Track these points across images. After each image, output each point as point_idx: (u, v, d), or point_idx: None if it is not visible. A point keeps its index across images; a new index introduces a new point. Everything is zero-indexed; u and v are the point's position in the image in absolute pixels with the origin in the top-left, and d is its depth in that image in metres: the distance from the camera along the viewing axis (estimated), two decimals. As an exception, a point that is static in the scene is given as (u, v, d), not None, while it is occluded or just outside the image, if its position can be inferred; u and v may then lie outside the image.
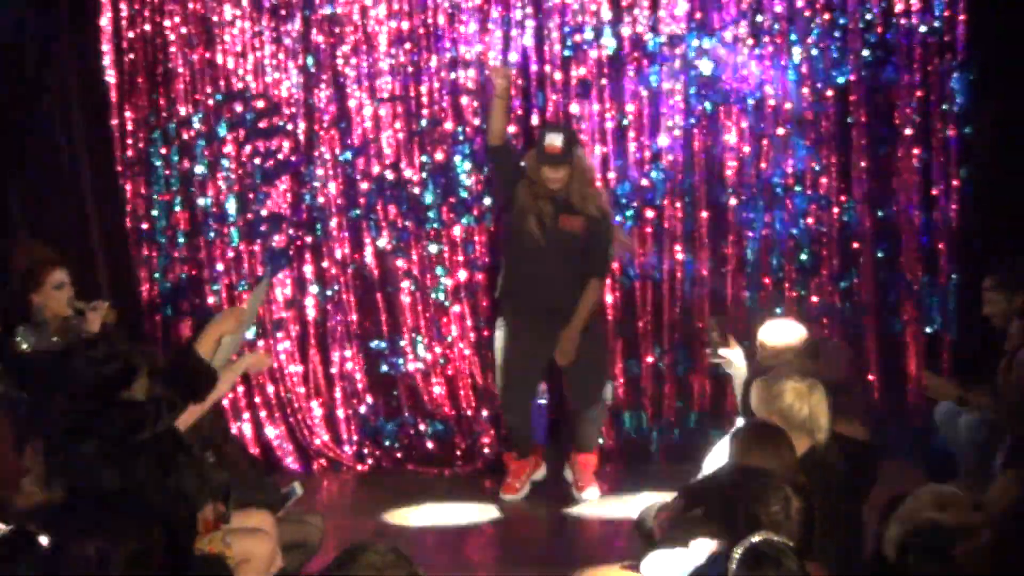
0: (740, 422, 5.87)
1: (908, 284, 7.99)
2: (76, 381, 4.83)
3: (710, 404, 8.09)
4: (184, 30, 8.25)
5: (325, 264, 8.37)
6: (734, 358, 6.47)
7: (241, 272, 8.35)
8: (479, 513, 7.52)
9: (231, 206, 8.33)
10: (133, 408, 4.83)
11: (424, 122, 8.24)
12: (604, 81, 8.06)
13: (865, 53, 7.87)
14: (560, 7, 8.06)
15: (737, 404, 6.59)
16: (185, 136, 8.32)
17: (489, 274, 8.16)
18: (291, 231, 8.36)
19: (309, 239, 8.37)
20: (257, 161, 8.31)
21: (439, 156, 8.24)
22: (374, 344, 8.39)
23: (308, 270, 8.38)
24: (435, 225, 8.28)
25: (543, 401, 8.28)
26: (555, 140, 7.12)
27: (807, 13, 7.92)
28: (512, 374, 7.55)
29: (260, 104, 8.28)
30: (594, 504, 7.58)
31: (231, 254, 8.36)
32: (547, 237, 7.25)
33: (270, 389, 8.35)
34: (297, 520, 5.87)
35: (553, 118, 8.08)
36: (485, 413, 8.28)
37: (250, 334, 7.86)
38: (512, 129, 7.87)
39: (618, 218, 7.97)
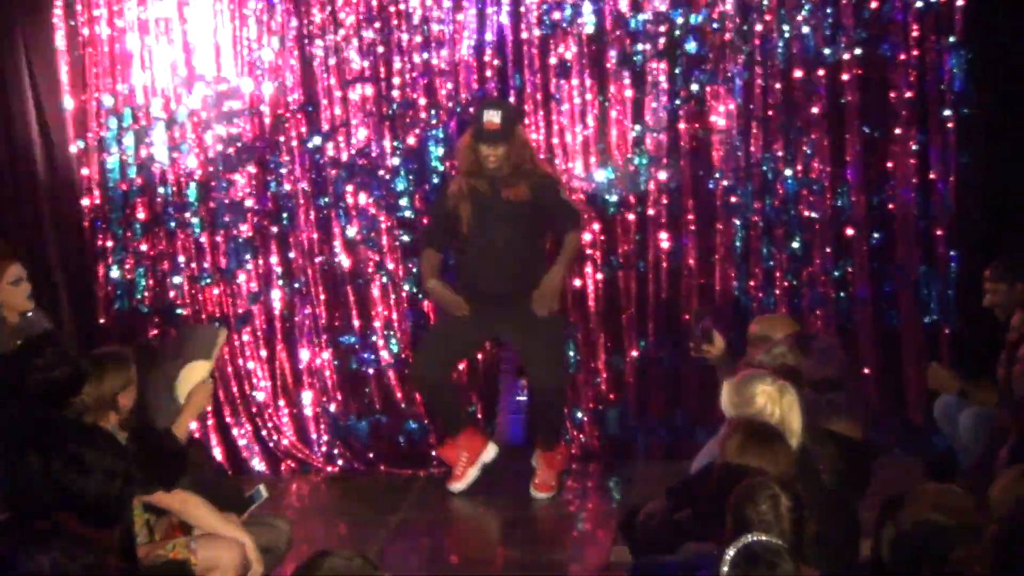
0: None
1: (905, 273, 7.97)
2: (23, 387, 4.82)
3: (698, 401, 8.05)
4: (141, 8, 8.21)
5: (292, 255, 8.34)
6: (718, 353, 6.44)
7: (203, 264, 8.31)
8: (455, 516, 7.53)
9: (192, 194, 8.29)
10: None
11: (396, 105, 8.21)
12: (584, 61, 8.05)
13: (859, 29, 7.86)
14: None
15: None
16: (143, 120, 8.28)
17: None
18: (256, 220, 8.32)
19: (275, 229, 8.34)
20: (220, 147, 8.27)
21: (411, 141, 8.22)
22: (344, 339, 8.37)
23: (274, 261, 8.35)
24: (408, 213, 8.26)
25: (523, 398, 8.27)
26: (493, 117, 7.21)
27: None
28: (429, 343, 7.62)
29: (222, 87, 8.24)
30: (576, 505, 7.59)
31: (192, 245, 8.33)
32: (490, 214, 7.31)
33: (234, 387, 8.32)
34: (263, 524, 5.86)
35: (531, 99, 8.09)
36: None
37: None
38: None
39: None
